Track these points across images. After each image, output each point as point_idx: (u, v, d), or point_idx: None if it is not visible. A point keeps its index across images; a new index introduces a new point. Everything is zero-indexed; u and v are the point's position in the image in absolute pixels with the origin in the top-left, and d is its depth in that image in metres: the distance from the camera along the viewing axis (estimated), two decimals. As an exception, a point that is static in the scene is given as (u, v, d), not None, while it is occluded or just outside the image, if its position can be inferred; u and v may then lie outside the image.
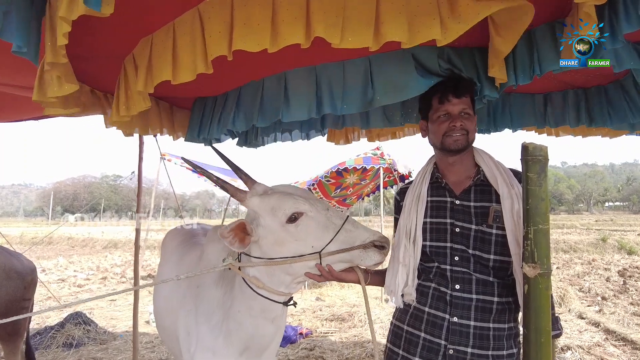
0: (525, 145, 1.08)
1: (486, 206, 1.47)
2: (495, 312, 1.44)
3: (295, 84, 1.71)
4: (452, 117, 1.49)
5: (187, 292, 1.81)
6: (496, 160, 1.52)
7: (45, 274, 12.12)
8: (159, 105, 2.18)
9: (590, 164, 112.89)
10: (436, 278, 1.50)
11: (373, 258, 1.41)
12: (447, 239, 1.50)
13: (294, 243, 1.42)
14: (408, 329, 1.54)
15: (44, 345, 5.24)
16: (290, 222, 1.41)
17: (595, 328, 6.05)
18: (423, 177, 1.60)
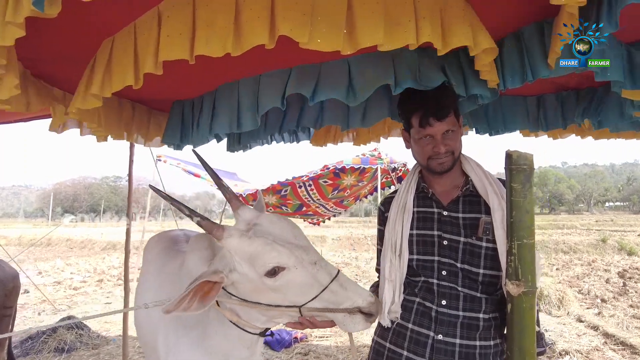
0: (509, 154, 1.02)
1: (475, 218, 1.40)
2: (482, 329, 1.37)
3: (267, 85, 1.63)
4: (435, 141, 1.40)
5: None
6: (485, 170, 1.45)
7: (41, 276, 12.06)
8: (135, 108, 2.11)
9: (590, 164, 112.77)
10: (421, 292, 1.43)
11: (357, 325, 1.25)
12: (435, 252, 1.42)
13: (272, 294, 1.27)
14: (390, 346, 1.47)
15: (36, 350, 5.18)
16: (270, 275, 1.24)
17: (594, 332, 5.97)
18: (408, 186, 1.53)
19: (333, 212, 9.88)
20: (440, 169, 1.42)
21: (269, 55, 1.27)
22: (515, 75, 1.43)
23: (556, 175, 74.20)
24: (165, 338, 1.70)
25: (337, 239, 21.68)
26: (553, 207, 68.61)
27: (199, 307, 1.22)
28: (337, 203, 9.30)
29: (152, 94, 2.05)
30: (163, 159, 7.94)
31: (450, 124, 1.40)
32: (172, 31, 1.06)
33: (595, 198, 72.00)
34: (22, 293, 9.10)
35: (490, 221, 1.35)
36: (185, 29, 1.04)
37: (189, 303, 1.21)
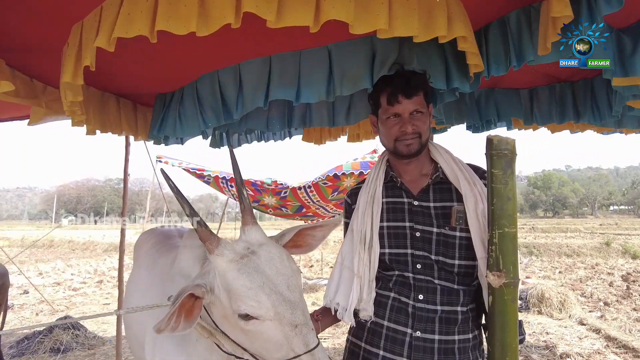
0: (490, 138, 0.97)
1: (447, 206, 1.35)
2: (460, 323, 1.32)
3: (249, 74, 1.60)
4: (402, 120, 1.35)
5: (156, 302, 1.69)
6: (455, 156, 1.40)
7: (42, 277, 12.08)
8: (120, 102, 2.08)
9: (594, 168, 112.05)
10: (396, 287, 1.36)
11: None
12: (407, 244, 1.36)
13: (241, 334, 1.16)
14: (366, 346, 1.39)
15: (31, 350, 5.17)
16: (242, 318, 1.12)
17: (596, 335, 5.88)
18: (376, 176, 1.46)
19: (333, 213, 9.83)
20: (407, 151, 1.37)
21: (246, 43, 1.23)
22: (500, 62, 1.39)
23: (560, 178, 73.79)
24: (152, 339, 1.66)
25: (338, 241, 21.61)
26: (557, 211, 68.18)
27: (185, 326, 1.12)
28: (337, 205, 9.24)
29: (134, 87, 2.02)
30: (164, 160, 7.92)
31: (418, 104, 1.36)
32: (133, 9, 1.02)
33: (600, 202, 71.50)
34: (21, 294, 9.16)
35: (463, 209, 1.29)
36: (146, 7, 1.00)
37: (176, 322, 1.10)
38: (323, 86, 1.52)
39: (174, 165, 8.25)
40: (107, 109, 1.94)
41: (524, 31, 1.33)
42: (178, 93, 1.94)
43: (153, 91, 2.13)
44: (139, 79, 1.92)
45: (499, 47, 1.41)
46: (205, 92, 1.72)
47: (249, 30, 1.08)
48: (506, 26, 1.39)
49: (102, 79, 1.47)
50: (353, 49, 1.49)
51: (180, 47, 1.42)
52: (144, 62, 1.64)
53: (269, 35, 1.11)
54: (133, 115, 2.17)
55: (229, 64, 1.66)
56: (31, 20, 1.32)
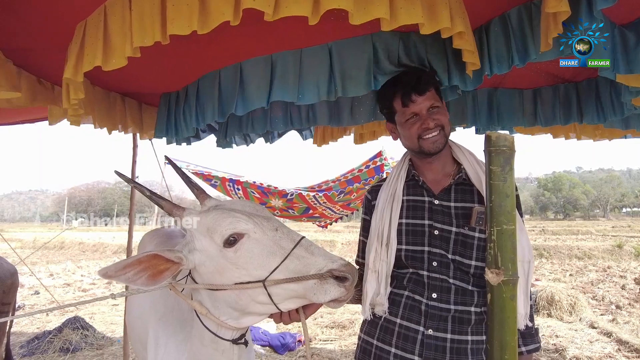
0: (488, 135, 0.96)
1: (468, 207, 1.35)
2: (474, 323, 1.31)
3: (250, 73, 1.61)
4: (421, 118, 1.36)
5: (159, 301, 1.70)
6: (478, 158, 1.40)
7: (52, 278, 12.23)
8: (125, 101, 2.10)
9: (606, 169, 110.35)
10: (410, 285, 1.37)
11: (329, 292, 1.08)
12: (425, 242, 1.36)
13: (235, 271, 1.16)
14: (378, 343, 1.40)
15: (41, 349, 5.23)
16: (229, 245, 1.16)
17: (607, 338, 5.78)
18: (398, 174, 1.47)
19: (340, 214, 9.80)
20: (433, 148, 1.36)
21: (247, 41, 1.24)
22: (501, 60, 1.37)
23: (571, 180, 72.85)
24: (155, 339, 1.66)
25: (346, 243, 21.55)
26: (567, 213, 67.26)
27: (147, 283, 1.14)
28: (344, 205, 9.21)
29: (139, 87, 2.04)
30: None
31: (433, 99, 1.36)
32: (142, 12, 1.03)
33: (612, 204, 70.42)
34: (32, 294, 9.26)
35: (484, 211, 1.29)
36: (155, 11, 1.02)
37: (135, 275, 1.13)
38: (324, 86, 1.52)
39: (180, 167, 8.30)
40: (112, 107, 1.97)
41: (525, 28, 1.31)
42: (182, 92, 1.96)
43: (157, 91, 2.15)
44: (143, 79, 1.94)
45: (501, 45, 1.40)
46: (207, 91, 1.73)
47: (250, 29, 1.08)
48: (507, 23, 1.38)
49: (107, 79, 1.48)
50: (354, 47, 1.48)
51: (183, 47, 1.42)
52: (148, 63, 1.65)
53: (270, 33, 1.11)
54: (139, 114, 2.20)
55: (230, 63, 1.67)
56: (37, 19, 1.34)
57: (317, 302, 1.11)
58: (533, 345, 1.33)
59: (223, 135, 2.22)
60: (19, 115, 3.17)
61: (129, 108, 2.12)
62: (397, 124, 1.44)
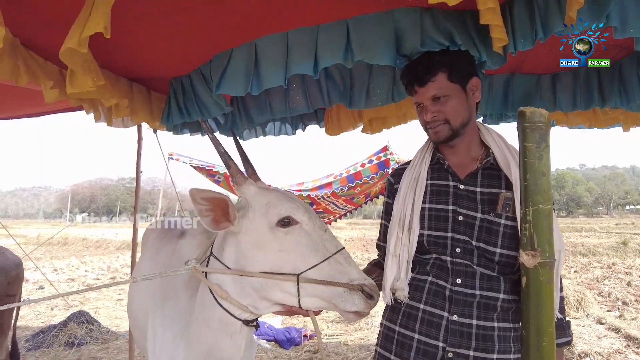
0: (522, 111, 0.91)
1: (495, 193, 1.29)
2: (500, 310, 1.26)
3: (265, 51, 1.56)
4: (424, 108, 1.34)
5: (157, 292, 1.68)
6: (508, 142, 1.34)
7: (56, 273, 12.26)
8: (133, 87, 2.05)
9: (610, 166, 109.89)
10: (434, 270, 1.32)
11: (356, 303, 1.13)
12: (448, 228, 1.31)
13: (276, 253, 1.20)
14: (400, 330, 1.35)
15: (47, 343, 5.22)
16: (282, 226, 1.21)
17: (615, 334, 5.73)
18: (422, 157, 1.42)
19: (344, 209, 9.77)
20: (435, 139, 1.35)
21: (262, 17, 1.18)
22: (526, 34, 1.30)
23: (574, 177, 72.63)
24: (153, 329, 1.64)
25: (350, 240, 21.56)
26: (570, 210, 67.11)
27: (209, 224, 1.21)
28: (347, 200, 9.18)
29: (148, 69, 1.99)
30: (175, 156, 7.94)
31: (436, 89, 1.31)
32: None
33: (615, 201, 70.17)
34: (37, 289, 9.29)
35: (512, 197, 1.24)
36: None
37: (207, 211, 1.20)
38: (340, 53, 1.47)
39: (185, 163, 8.28)
40: (120, 93, 1.91)
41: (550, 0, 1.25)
42: (194, 74, 1.90)
43: (167, 75, 2.10)
44: (153, 60, 1.89)
45: (525, 19, 1.33)
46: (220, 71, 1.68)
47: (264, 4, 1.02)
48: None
49: (115, 60, 1.43)
50: (373, 23, 1.43)
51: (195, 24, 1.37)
52: (158, 41, 1.61)
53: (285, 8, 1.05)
54: (147, 102, 2.14)
55: (244, 41, 1.62)
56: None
57: (343, 309, 1.15)
58: (564, 338, 1.28)
59: (232, 121, 2.17)
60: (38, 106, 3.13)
61: (137, 94, 2.07)
62: None
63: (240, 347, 1.40)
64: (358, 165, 8.04)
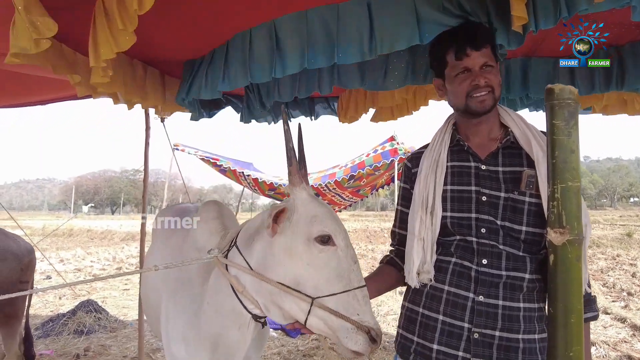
0: (551, 88, 0.90)
1: (517, 171, 1.28)
2: (526, 291, 1.26)
3: (285, 33, 1.54)
4: (473, 74, 1.29)
5: (171, 278, 1.70)
6: (527, 121, 1.33)
7: (63, 264, 12.36)
8: (147, 71, 2.04)
9: (614, 159, 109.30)
10: (458, 251, 1.31)
11: (358, 343, 1.13)
12: (472, 208, 1.30)
13: (303, 266, 1.19)
14: (424, 311, 1.35)
15: (56, 332, 5.28)
16: (320, 243, 1.19)
17: (621, 324, 5.75)
18: (442, 140, 1.41)
19: (349, 201, 9.79)
20: (480, 108, 1.30)
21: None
22: (548, 12, 1.27)
23: (578, 169, 72.15)
24: (166, 313, 1.66)
25: (353, 231, 21.61)
26: (574, 202, 66.81)
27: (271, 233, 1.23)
28: (353, 192, 9.21)
29: (163, 51, 1.97)
30: (180, 147, 7.95)
31: (487, 57, 1.29)
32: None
33: (619, 193, 69.93)
34: (44, 279, 9.36)
35: (534, 174, 1.24)
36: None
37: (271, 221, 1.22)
38: (366, 43, 1.45)
39: (190, 154, 8.30)
40: (134, 76, 1.91)
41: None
42: (208, 56, 1.88)
43: (182, 57, 2.08)
44: (167, 44, 1.87)
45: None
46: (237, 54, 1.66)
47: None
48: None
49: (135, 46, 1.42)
50: (395, 2, 1.41)
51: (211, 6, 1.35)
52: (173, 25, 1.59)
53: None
54: (161, 86, 2.14)
55: (261, 21, 1.59)
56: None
57: (344, 345, 1.14)
58: (591, 313, 1.28)
59: (246, 107, 2.15)
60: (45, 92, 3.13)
61: (151, 77, 2.06)
62: (446, 79, 1.37)
63: (246, 340, 1.43)
64: (363, 155, 8.04)
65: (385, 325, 5.59)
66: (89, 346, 4.79)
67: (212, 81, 1.80)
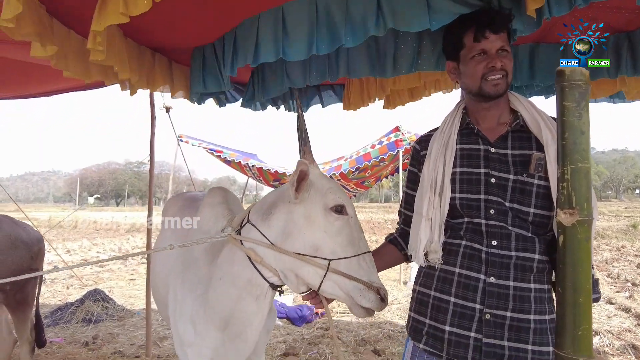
0: (561, 70, 0.90)
1: (526, 154, 1.30)
2: (536, 271, 1.27)
3: (293, 17, 1.54)
4: (489, 57, 1.31)
5: (178, 259, 1.73)
6: (536, 106, 1.34)
7: (69, 254, 12.49)
8: (155, 57, 2.05)
9: (620, 150, 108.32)
10: (467, 234, 1.33)
11: (371, 300, 1.28)
12: (481, 190, 1.32)
13: (321, 233, 1.32)
14: (435, 294, 1.36)
15: (65, 320, 5.35)
16: (335, 212, 1.33)
17: (625, 314, 5.76)
18: (452, 122, 1.42)
19: (354, 192, 9.80)
20: (494, 91, 1.31)
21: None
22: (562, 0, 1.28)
23: (583, 161, 71.63)
24: (174, 295, 1.69)
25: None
26: (579, 194, 66.47)
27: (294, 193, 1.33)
28: (357, 184, 9.21)
29: (170, 40, 1.98)
30: (185, 139, 7.97)
31: (504, 42, 1.31)
32: None
33: (625, 185, 69.50)
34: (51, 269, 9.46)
35: (543, 157, 1.25)
36: None
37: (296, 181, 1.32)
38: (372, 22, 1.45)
39: (194, 145, 8.32)
40: (143, 62, 1.91)
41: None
42: (218, 42, 1.88)
43: (190, 44, 2.08)
44: (175, 31, 1.87)
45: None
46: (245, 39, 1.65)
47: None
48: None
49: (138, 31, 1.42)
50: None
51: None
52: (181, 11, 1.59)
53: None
54: (169, 72, 2.15)
55: (269, 7, 1.59)
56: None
57: (358, 303, 1.29)
58: (594, 295, 1.29)
59: (252, 92, 2.15)
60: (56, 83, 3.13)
61: (159, 64, 2.07)
62: (461, 61, 1.38)
63: (263, 311, 1.46)
64: (368, 147, 8.03)
65: (390, 315, 5.63)
66: (98, 334, 4.86)
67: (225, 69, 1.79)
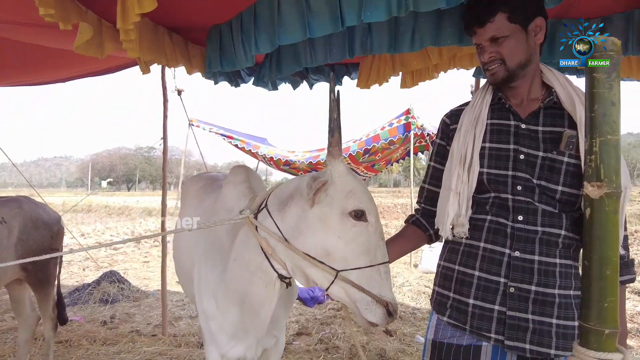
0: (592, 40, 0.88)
1: (557, 131, 1.28)
2: (562, 247, 1.26)
3: None
4: (481, 49, 1.33)
5: (202, 238, 1.76)
6: (573, 83, 1.31)
7: (84, 238, 12.75)
8: (172, 37, 2.05)
9: (635, 134, 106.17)
10: (493, 209, 1.32)
11: (377, 315, 1.19)
12: (509, 166, 1.31)
13: (334, 238, 1.22)
14: (460, 268, 1.37)
15: (83, 300, 5.51)
16: (353, 217, 1.22)
17: (638, 297, 5.75)
18: (483, 97, 1.41)
19: (364, 176, 9.78)
20: (491, 80, 1.35)
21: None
22: None
23: (597, 145, 70.45)
24: (198, 272, 1.74)
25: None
26: (592, 179, 65.57)
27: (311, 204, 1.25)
28: (368, 167, 9.18)
29: (187, 19, 1.97)
30: (196, 123, 7.99)
31: (494, 30, 1.28)
32: None
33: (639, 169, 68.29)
34: (67, 252, 9.69)
35: (576, 134, 1.23)
36: None
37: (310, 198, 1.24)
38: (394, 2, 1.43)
39: (204, 129, 8.34)
40: (160, 41, 1.92)
41: None
42: (235, 20, 1.85)
43: (206, 23, 2.07)
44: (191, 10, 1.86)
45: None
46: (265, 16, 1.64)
47: None
48: None
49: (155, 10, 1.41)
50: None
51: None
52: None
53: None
54: (186, 50, 2.15)
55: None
56: None
57: (363, 316, 1.20)
58: (628, 275, 1.28)
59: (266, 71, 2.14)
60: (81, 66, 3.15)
61: (176, 43, 2.07)
62: None
63: (272, 298, 1.45)
64: (378, 129, 7.97)
65: (401, 296, 5.68)
66: (115, 314, 4.99)
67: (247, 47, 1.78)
